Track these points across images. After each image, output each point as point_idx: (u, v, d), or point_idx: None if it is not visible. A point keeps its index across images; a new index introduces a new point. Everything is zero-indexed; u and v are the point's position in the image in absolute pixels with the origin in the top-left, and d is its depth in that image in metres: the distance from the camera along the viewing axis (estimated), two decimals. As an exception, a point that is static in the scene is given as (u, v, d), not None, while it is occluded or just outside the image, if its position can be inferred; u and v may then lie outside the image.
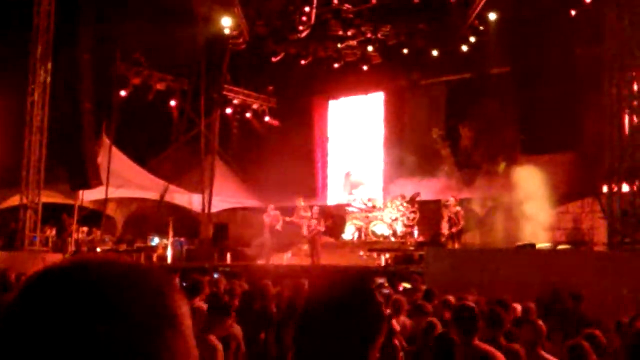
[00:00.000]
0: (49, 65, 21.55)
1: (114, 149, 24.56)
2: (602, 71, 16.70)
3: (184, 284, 9.74)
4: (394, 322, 6.37)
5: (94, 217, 24.87)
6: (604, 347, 6.21)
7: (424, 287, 11.55)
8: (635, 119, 16.18)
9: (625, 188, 15.99)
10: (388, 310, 6.34)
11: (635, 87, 16.37)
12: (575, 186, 20.27)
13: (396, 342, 6.32)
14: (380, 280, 13.38)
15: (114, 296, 0.88)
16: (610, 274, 12.66)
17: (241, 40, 27.22)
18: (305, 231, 20.83)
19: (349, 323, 1.82)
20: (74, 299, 0.86)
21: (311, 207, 21.59)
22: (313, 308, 1.92)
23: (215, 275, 14.78)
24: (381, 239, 22.56)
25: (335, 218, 22.17)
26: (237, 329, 7.23)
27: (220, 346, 6.02)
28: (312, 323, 1.88)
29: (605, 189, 16.84)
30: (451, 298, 8.77)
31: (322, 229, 20.67)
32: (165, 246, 23.27)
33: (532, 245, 17.30)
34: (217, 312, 6.32)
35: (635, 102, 16.22)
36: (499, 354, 5.29)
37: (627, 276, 12.44)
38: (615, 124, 16.37)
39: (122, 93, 25.97)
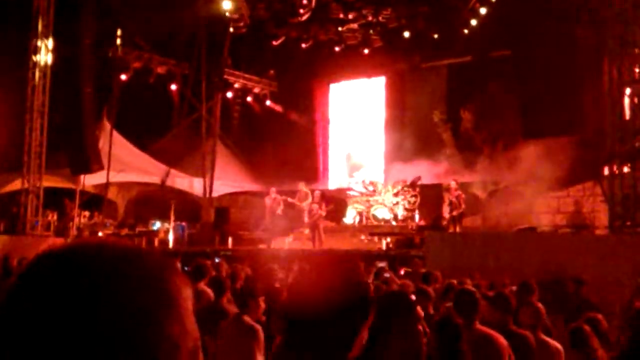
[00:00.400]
0: (50, 50, 21.50)
1: (115, 133, 24.54)
2: (603, 54, 16.66)
3: (187, 268, 9.78)
4: (418, 308, 6.40)
5: (95, 201, 24.91)
6: (606, 331, 6.23)
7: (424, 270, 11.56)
8: (636, 101, 16.15)
9: (626, 171, 16.00)
10: (413, 297, 6.35)
11: (637, 70, 16.35)
12: (576, 170, 20.24)
13: (420, 327, 6.35)
14: (381, 264, 13.40)
15: (113, 279, 0.88)
16: (612, 258, 12.68)
17: (242, 24, 27.13)
18: (306, 216, 20.87)
19: (336, 306, 1.84)
20: (74, 282, 0.87)
21: (312, 192, 21.63)
22: (301, 292, 1.93)
23: (217, 260, 14.80)
24: (382, 222, 22.59)
25: (336, 202, 22.16)
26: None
27: (258, 327, 6.09)
28: (301, 307, 1.90)
29: (606, 172, 16.85)
30: (454, 282, 8.78)
31: (324, 213, 20.70)
32: (166, 230, 23.30)
33: (533, 229, 17.34)
34: (250, 295, 6.40)
35: (636, 85, 16.19)
36: (500, 338, 5.31)
37: (628, 259, 12.47)
38: (616, 107, 16.35)
39: (123, 77, 25.91)
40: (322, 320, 1.82)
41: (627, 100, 16.42)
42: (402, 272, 12.85)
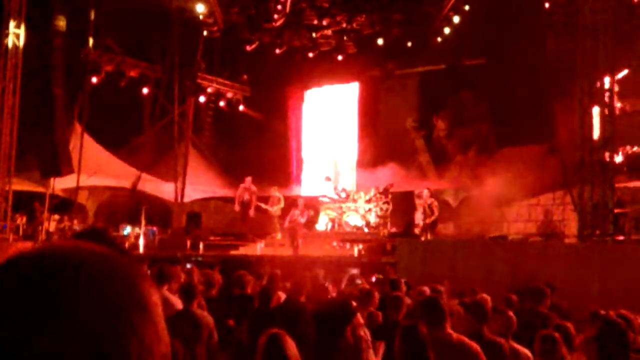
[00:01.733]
0: (21, 50, 21.26)
1: (86, 137, 24.32)
2: (574, 64, 16.83)
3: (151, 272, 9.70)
4: (358, 315, 6.44)
5: (65, 205, 24.62)
6: (574, 339, 6.27)
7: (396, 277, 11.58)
8: (606, 112, 16.34)
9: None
10: (354, 303, 6.40)
11: (607, 81, 16.54)
12: (547, 178, 20.43)
13: (362, 333, 6.38)
14: (354, 271, 13.41)
15: (85, 283, 0.87)
16: (581, 266, 12.79)
17: (215, 28, 27.09)
18: (286, 221, 20.84)
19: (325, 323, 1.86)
20: (43, 285, 0.86)
21: (294, 198, 21.76)
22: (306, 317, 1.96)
23: (188, 265, 14.72)
24: (354, 229, 22.60)
25: (307, 208, 22.15)
26: (210, 318, 7.23)
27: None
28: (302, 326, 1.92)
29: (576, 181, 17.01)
30: (426, 289, 8.80)
31: (303, 220, 20.67)
32: (137, 235, 23.11)
33: (504, 237, 17.46)
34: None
35: (606, 96, 16.38)
36: (473, 344, 5.32)
37: (597, 268, 12.58)
38: (586, 117, 16.52)
39: (94, 80, 25.69)
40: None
41: (596, 110, 16.61)
42: (373, 279, 12.87)
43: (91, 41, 25.09)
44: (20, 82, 21.19)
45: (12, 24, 21.03)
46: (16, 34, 21.10)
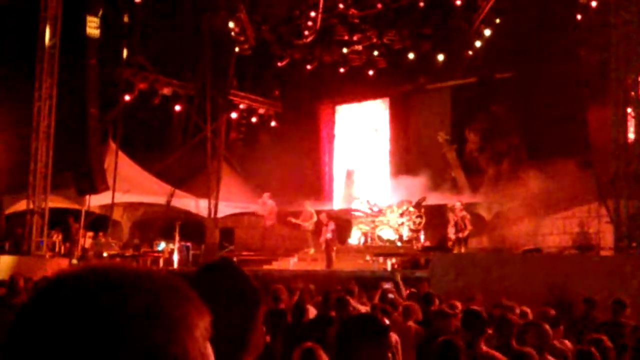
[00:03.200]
0: (55, 71, 21.61)
1: (121, 154, 24.61)
2: (608, 76, 16.70)
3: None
4: (391, 334, 6.45)
5: (100, 221, 24.91)
6: (610, 351, 6.21)
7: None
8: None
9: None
10: (386, 321, 6.42)
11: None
12: (581, 190, 20.23)
13: (390, 355, 6.38)
14: (387, 285, 13.36)
15: (123, 305, 0.91)
16: (617, 278, 12.64)
17: (247, 45, 27.30)
18: (322, 237, 20.88)
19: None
20: (85, 306, 0.90)
21: (319, 213, 21.76)
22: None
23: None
24: (387, 243, 22.54)
25: (341, 223, 22.15)
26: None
27: None
28: None
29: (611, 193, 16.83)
30: (458, 303, 8.76)
31: (330, 235, 20.70)
32: (171, 251, 23.28)
33: (539, 250, 17.30)
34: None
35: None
36: (499, 357, 5.30)
37: (634, 280, 12.43)
38: (620, 128, 16.37)
39: (127, 98, 26.00)
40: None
41: (632, 121, 16.44)
42: (406, 293, 12.83)
43: (125, 60, 25.41)
44: (55, 102, 21.55)
45: (46, 44, 21.41)
46: (51, 54, 21.48)
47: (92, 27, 21.77)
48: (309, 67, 28.50)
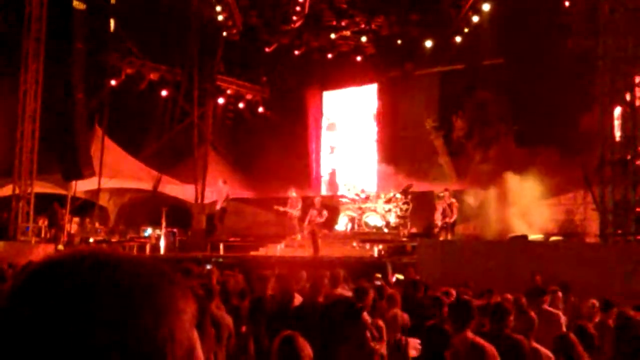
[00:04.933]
0: (42, 55, 21.45)
1: (107, 140, 24.50)
2: (595, 63, 16.72)
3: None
4: (364, 314, 6.52)
5: (86, 207, 24.83)
6: (593, 338, 6.24)
7: (417, 278, 11.57)
8: (627, 110, 16.22)
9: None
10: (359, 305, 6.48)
11: (628, 80, 16.41)
12: (567, 178, 20.30)
13: (368, 334, 6.44)
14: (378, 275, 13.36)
15: (109, 290, 0.92)
16: (603, 265, 12.71)
17: (234, 30, 27.18)
18: (306, 222, 20.85)
19: None
20: (70, 291, 0.90)
21: (308, 198, 21.71)
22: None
23: (208, 267, 14.76)
24: (374, 230, 22.56)
25: (328, 209, 22.13)
26: (229, 319, 7.24)
27: None
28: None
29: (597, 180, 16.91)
30: (452, 291, 8.79)
31: (321, 220, 20.67)
32: (158, 237, 23.24)
33: (525, 237, 17.37)
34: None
35: (627, 95, 16.26)
36: (491, 347, 5.31)
37: (619, 267, 12.50)
38: (607, 116, 16.42)
39: (113, 83, 25.85)
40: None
41: (617, 110, 16.49)
42: (393, 279, 12.86)
43: (111, 38, 25.21)
44: (42, 86, 21.41)
45: (32, 28, 21.24)
46: (37, 39, 21.31)
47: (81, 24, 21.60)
48: (297, 52, 28.44)
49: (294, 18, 26.78)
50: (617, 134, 16.44)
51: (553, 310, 8.29)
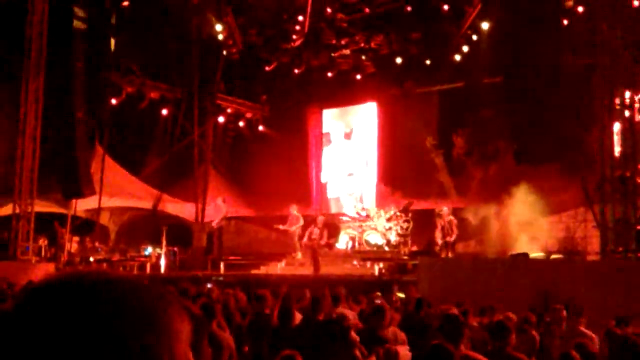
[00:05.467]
0: (42, 74, 21.48)
1: (107, 158, 24.51)
2: (594, 80, 16.77)
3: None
4: (352, 333, 6.51)
5: (87, 226, 24.79)
6: (594, 356, 6.22)
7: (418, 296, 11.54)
8: (626, 127, 16.25)
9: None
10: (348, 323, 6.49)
11: (627, 96, 16.46)
12: (568, 195, 20.30)
13: (357, 353, 6.43)
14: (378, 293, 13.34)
15: (108, 312, 0.93)
16: (604, 283, 12.68)
17: (234, 49, 27.28)
18: (305, 238, 20.85)
19: None
20: (70, 312, 0.91)
21: (311, 217, 21.77)
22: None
23: (209, 285, 14.74)
24: (375, 248, 22.52)
25: (328, 227, 22.12)
26: (230, 338, 7.20)
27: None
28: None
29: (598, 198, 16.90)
30: (454, 310, 8.76)
31: (323, 242, 20.70)
32: (158, 256, 23.20)
33: (526, 255, 17.33)
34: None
35: (626, 112, 16.30)
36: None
37: (620, 285, 12.46)
38: (606, 133, 16.44)
39: (114, 101, 25.90)
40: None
41: (617, 126, 16.52)
42: (394, 299, 12.82)
43: (111, 60, 25.29)
44: (42, 105, 21.43)
45: (33, 47, 21.29)
46: (37, 58, 21.36)
47: (79, 18, 21.63)
48: (296, 71, 28.51)
49: (294, 37, 26.89)
50: (617, 149, 16.47)
51: (588, 331, 8.21)
